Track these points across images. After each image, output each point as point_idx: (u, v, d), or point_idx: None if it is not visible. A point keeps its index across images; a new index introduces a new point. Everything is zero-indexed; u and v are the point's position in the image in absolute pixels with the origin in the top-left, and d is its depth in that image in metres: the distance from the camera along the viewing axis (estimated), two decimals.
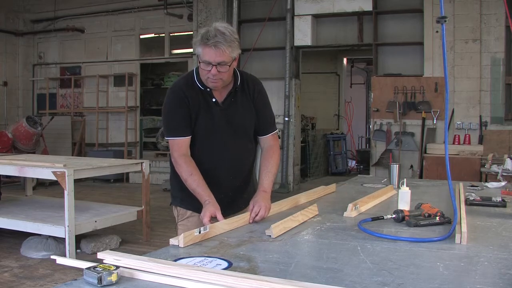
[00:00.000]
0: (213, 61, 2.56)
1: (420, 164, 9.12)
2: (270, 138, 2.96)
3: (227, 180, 2.85)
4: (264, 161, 2.90)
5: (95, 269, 1.62)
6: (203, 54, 2.57)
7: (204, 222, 2.43)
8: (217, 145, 2.79)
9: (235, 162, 2.86)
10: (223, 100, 2.78)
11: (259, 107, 2.89)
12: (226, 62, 2.58)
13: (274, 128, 2.99)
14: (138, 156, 12.99)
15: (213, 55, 2.55)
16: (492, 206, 3.05)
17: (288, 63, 10.63)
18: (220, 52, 2.54)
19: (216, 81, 2.64)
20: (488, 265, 1.91)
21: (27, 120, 10.92)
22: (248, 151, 2.94)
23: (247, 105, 2.84)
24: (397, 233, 2.36)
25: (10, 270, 5.39)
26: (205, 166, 2.78)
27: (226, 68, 2.60)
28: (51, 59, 14.23)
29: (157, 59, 13.34)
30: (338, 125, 15.92)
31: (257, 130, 2.92)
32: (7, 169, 6.14)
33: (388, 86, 9.74)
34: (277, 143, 3.01)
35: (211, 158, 2.80)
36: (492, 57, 9.07)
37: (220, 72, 2.59)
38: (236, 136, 2.82)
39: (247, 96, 2.84)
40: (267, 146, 2.95)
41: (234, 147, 2.83)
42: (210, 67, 2.57)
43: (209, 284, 1.59)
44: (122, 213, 6.48)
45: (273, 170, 2.86)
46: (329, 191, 3.64)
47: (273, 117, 3.02)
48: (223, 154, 2.80)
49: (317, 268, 1.88)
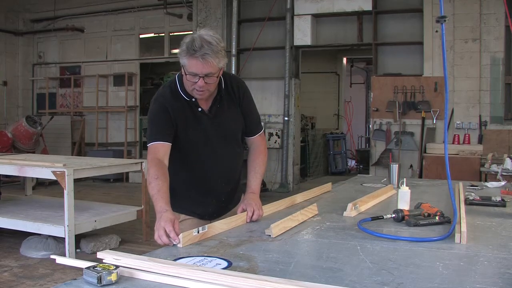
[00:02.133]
0: (200, 73, 2.47)
1: (419, 163, 9.12)
2: (258, 139, 2.93)
3: (219, 186, 2.82)
4: (251, 162, 2.89)
5: (95, 268, 1.62)
6: (189, 66, 2.48)
7: (163, 241, 2.17)
8: (208, 154, 2.73)
9: (227, 169, 2.83)
10: (209, 108, 2.70)
11: (246, 110, 2.84)
12: (213, 73, 2.50)
13: (261, 128, 2.97)
14: (138, 155, 12.99)
15: (200, 67, 2.46)
16: (491, 206, 3.05)
17: (288, 63, 10.63)
18: (208, 65, 2.45)
19: (203, 92, 2.56)
20: (488, 265, 1.91)
21: (26, 120, 10.92)
22: (238, 155, 2.91)
23: (234, 109, 2.78)
24: (396, 233, 2.36)
25: (9, 270, 5.39)
26: (197, 175, 2.76)
27: (214, 80, 2.54)
28: (50, 58, 14.24)
29: (156, 58, 13.35)
30: (337, 124, 15.93)
31: (246, 132, 2.89)
32: (7, 169, 6.14)
33: (387, 85, 9.74)
34: (264, 142, 2.99)
35: (203, 167, 2.76)
36: (492, 56, 9.07)
37: (207, 84, 2.52)
38: (226, 142, 2.78)
39: (233, 100, 2.77)
40: (254, 146, 2.93)
41: (225, 154, 2.78)
42: (197, 79, 2.49)
43: (209, 284, 1.59)
44: (121, 213, 6.49)
45: (260, 171, 2.86)
46: (325, 190, 3.65)
47: (259, 116, 3.00)
48: (215, 162, 2.76)
49: (316, 268, 1.88)
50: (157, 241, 2.21)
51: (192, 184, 2.80)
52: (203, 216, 2.84)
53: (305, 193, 3.38)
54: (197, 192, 2.81)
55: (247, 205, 2.62)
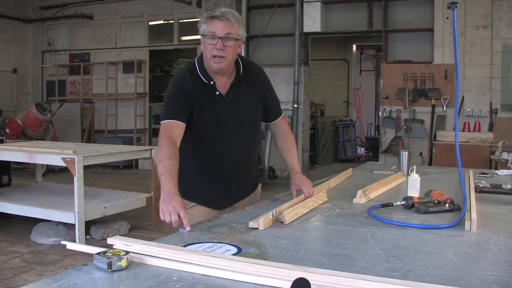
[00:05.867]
0: (219, 32, 2.47)
1: (429, 151, 9.07)
2: (281, 121, 2.95)
3: (232, 173, 2.77)
4: (283, 144, 2.91)
5: (105, 254, 1.63)
6: (209, 26, 2.48)
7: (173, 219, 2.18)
8: (222, 139, 2.70)
9: (241, 155, 2.80)
10: (227, 92, 2.68)
11: (267, 95, 2.84)
12: (233, 36, 2.50)
13: (281, 112, 2.99)
14: (147, 142, 12.99)
15: (221, 26, 2.47)
16: (502, 194, 3.04)
17: (297, 50, 10.57)
18: (228, 24, 2.47)
19: (221, 60, 2.53)
20: (498, 252, 1.90)
21: (36, 107, 10.97)
22: (253, 143, 2.90)
23: (252, 95, 2.76)
24: (406, 220, 2.36)
25: (20, 256, 5.44)
26: (210, 161, 2.73)
27: (232, 43, 2.51)
28: (60, 46, 14.25)
29: (166, 45, 13.31)
30: (347, 112, 15.87)
31: (268, 118, 2.90)
32: (17, 156, 6.17)
33: (397, 73, 9.69)
34: (287, 124, 3.03)
35: (217, 153, 2.72)
36: (503, 43, 8.99)
37: (225, 47, 2.50)
38: (242, 128, 2.74)
39: (251, 86, 2.75)
40: (280, 129, 2.94)
41: (240, 140, 2.75)
42: (216, 40, 2.48)
43: (219, 270, 1.59)
44: (131, 200, 6.52)
45: (294, 149, 2.91)
46: (348, 175, 3.70)
47: (279, 100, 3.00)
48: (228, 148, 2.72)
49: (326, 254, 1.88)
50: (166, 219, 2.20)
51: (203, 170, 2.74)
52: (213, 204, 2.79)
53: (335, 178, 3.41)
54: (209, 179, 2.75)
55: (301, 186, 2.66)
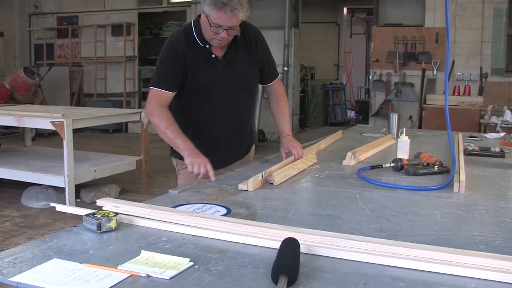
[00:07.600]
0: (225, 25, 2.46)
1: (419, 114, 9.09)
2: (276, 83, 2.94)
3: (227, 135, 2.78)
4: (276, 107, 2.91)
5: (94, 215, 1.63)
6: (215, 18, 2.44)
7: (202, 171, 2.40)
8: (217, 100, 2.70)
9: (236, 118, 2.79)
10: (224, 55, 2.67)
11: (263, 57, 2.81)
12: (237, 26, 2.50)
13: (278, 74, 2.98)
14: (137, 106, 12.90)
15: (227, 20, 2.44)
16: (490, 156, 3.07)
17: (288, 12, 10.47)
18: (235, 18, 2.44)
19: (222, 42, 2.55)
20: (485, 213, 1.92)
21: (24, 71, 10.84)
22: (249, 105, 2.90)
23: (248, 56, 2.74)
24: (395, 182, 2.37)
25: (11, 220, 5.45)
26: (205, 122, 2.73)
27: (236, 31, 2.53)
28: (47, 8, 14.00)
29: (155, 8, 13.13)
30: (337, 75, 15.81)
31: (263, 80, 2.88)
32: (6, 120, 6.14)
33: (388, 36, 9.64)
34: (283, 87, 3.02)
35: (211, 114, 2.71)
36: (495, 7, 8.94)
37: (229, 35, 2.51)
38: (237, 90, 2.73)
39: (248, 48, 2.73)
40: (274, 92, 2.93)
41: (235, 102, 2.75)
42: (221, 30, 2.47)
43: (208, 230, 1.60)
44: (121, 163, 6.51)
45: (287, 113, 2.92)
46: (337, 137, 3.71)
47: (275, 62, 2.98)
48: (223, 108, 2.71)
49: (315, 215, 1.90)
50: (195, 171, 2.40)
51: (198, 131, 2.72)
52: None
53: (325, 140, 3.42)
54: (204, 140, 2.71)
55: (291, 148, 2.71)
